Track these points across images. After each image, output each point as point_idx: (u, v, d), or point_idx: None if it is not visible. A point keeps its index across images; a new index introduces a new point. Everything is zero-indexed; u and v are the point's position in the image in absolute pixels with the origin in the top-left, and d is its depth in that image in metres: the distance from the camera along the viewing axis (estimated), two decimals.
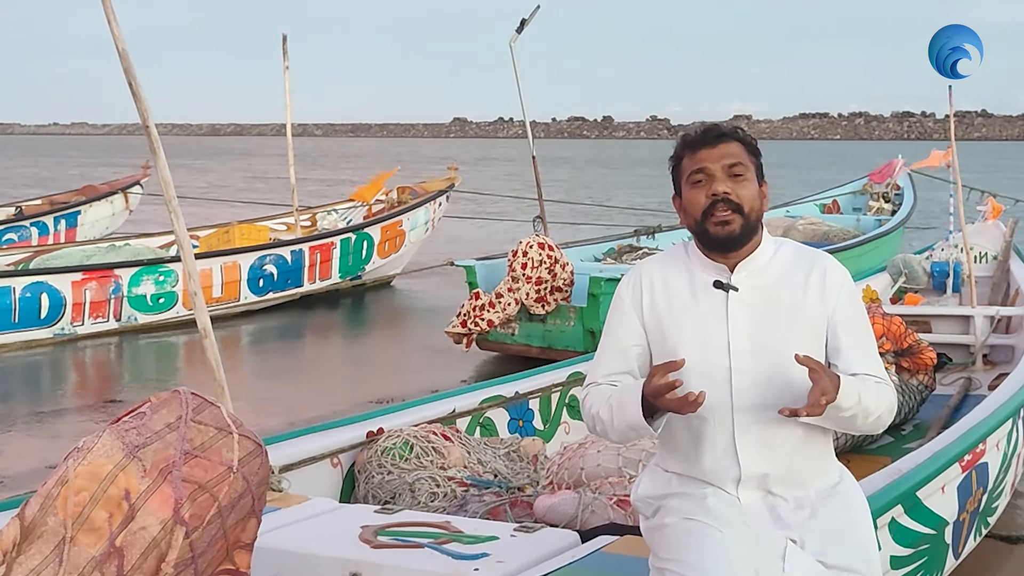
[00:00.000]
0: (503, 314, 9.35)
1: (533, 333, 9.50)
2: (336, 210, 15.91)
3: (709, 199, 2.83)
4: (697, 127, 2.94)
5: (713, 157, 2.85)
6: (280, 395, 8.76)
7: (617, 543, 3.50)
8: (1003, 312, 7.81)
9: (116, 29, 3.55)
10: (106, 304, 11.31)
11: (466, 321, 9.41)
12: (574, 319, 9.33)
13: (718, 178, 2.83)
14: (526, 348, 9.57)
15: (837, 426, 2.80)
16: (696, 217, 2.86)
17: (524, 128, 11.97)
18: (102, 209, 17.69)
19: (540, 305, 9.37)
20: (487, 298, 9.41)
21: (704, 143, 2.87)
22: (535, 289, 9.33)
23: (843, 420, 2.76)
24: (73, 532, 2.57)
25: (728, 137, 2.88)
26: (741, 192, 2.83)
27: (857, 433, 2.86)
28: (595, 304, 9.14)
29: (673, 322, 2.88)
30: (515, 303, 9.35)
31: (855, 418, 2.76)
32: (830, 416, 2.70)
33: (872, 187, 16.18)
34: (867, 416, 2.78)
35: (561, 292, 9.42)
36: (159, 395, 2.84)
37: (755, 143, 2.94)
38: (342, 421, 4.96)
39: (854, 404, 2.72)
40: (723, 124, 2.94)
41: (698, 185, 2.85)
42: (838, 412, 2.70)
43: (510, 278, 9.35)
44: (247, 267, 12.45)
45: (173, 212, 3.68)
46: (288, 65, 12.84)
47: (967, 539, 4.54)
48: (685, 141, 2.92)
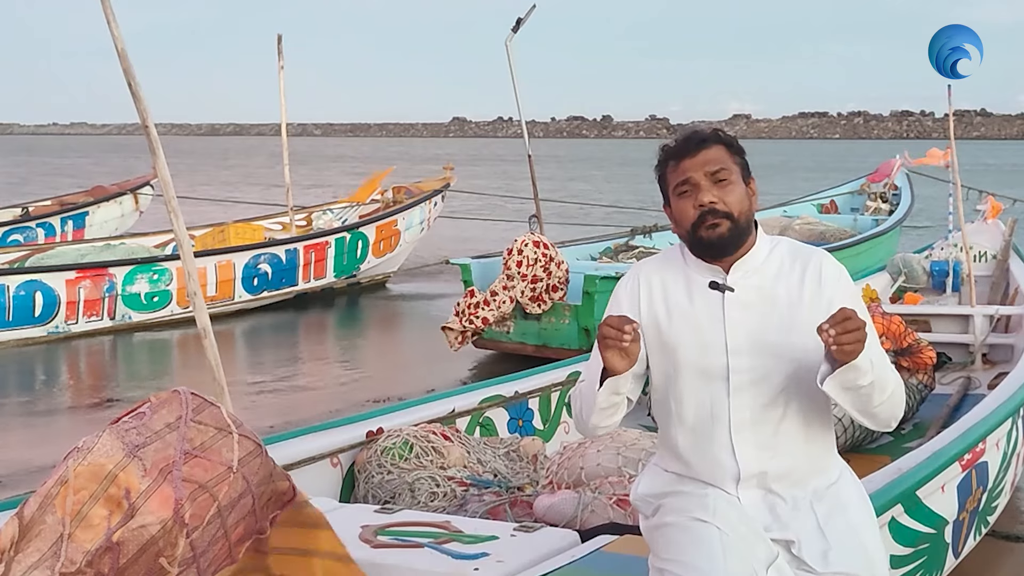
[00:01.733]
0: (498, 312, 9.36)
1: (528, 331, 9.52)
2: (331, 210, 15.92)
3: (697, 210, 2.83)
4: (677, 136, 2.92)
5: (695, 166, 2.83)
6: (277, 395, 8.76)
7: (617, 543, 3.50)
8: (1002, 311, 7.80)
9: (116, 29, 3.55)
10: (100, 302, 11.32)
11: (461, 319, 9.44)
12: (569, 317, 9.34)
13: (703, 187, 2.82)
14: (521, 346, 9.59)
15: (855, 402, 2.70)
16: (686, 227, 2.87)
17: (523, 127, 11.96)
18: (111, 210, 17.63)
19: (535, 303, 9.39)
20: (482, 296, 9.43)
21: (685, 152, 2.86)
22: (530, 287, 9.34)
23: (862, 392, 2.67)
24: (71, 529, 2.57)
25: (708, 142, 2.86)
26: (728, 198, 2.82)
27: (873, 418, 2.77)
28: (590, 302, 9.16)
29: (670, 323, 2.88)
30: (510, 301, 9.36)
31: (872, 388, 2.68)
32: (847, 384, 2.63)
33: (870, 187, 16.19)
34: (883, 390, 2.71)
35: (557, 291, 9.44)
36: (159, 395, 2.84)
37: (736, 142, 2.92)
38: (342, 421, 4.96)
39: (870, 370, 2.64)
40: (701, 129, 2.91)
41: (685, 196, 2.85)
42: (857, 377, 2.63)
43: (505, 276, 9.37)
44: (242, 266, 12.46)
45: (173, 212, 3.67)
46: (283, 65, 12.83)
47: (967, 538, 4.54)
48: (667, 152, 2.91)
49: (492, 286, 9.44)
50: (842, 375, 2.63)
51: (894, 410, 2.80)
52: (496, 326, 9.50)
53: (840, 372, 2.63)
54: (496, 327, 9.51)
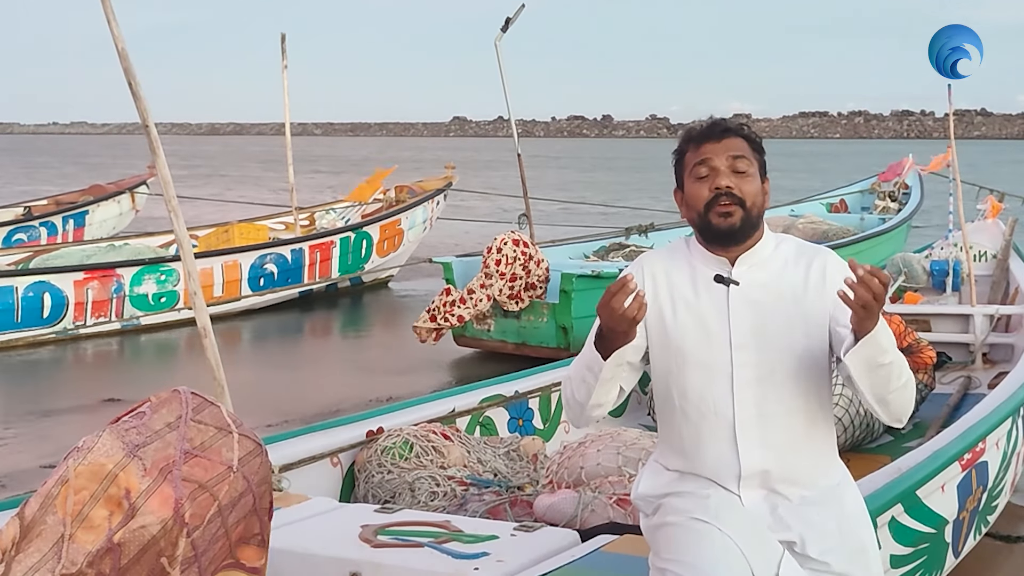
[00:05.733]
0: (474, 310, 9.39)
1: (508, 329, 9.56)
2: (334, 209, 15.98)
3: (712, 192, 2.82)
4: (702, 121, 2.92)
5: (717, 151, 2.84)
6: (279, 394, 8.76)
7: (617, 542, 3.49)
8: (1003, 311, 7.80)
9: (116, 29, 3.55)
10: (108, 303, 11.33)
11: (435, 316, 9.44)
12: (547, 315, 9.38)
13: (722, 172, 2.82)
14: (502, 344, 9.63)
15: (874, 383, 2.65)
16: (698, 210, 2.85)
17: (524, 127, 11.96)
18: (109, 209, 17.73)
19: (514, 302, 9.41)
20: (458, 294, 9.45)
21: (709, 137, 2.86)
22: (508, 286, 9.36)
23: (881, 371, 2.63)
24: (72, 530, 2.57)
25: (733, 132, 2.87)
26: (744, 187, 2.82)
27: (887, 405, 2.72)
28: (567, 300, 9.20)
29: (675, 316, 2.87)
30: (487, 299, 9.38)
31: (891, 369, 2.64)
32: (870, 360, 2.61)
33: (880, 186, 16.17)
34: (900, 375, 2.68)
35: (535, 289, 9.46)
36: (159, 395, 2.84)
37: (759, 140, 2.93)
38: (342, 420, 4.96)
39: (890, 348, 2.61)
40: (728, 120, 2.93)
41: (702, 179, 2.84)
42: (878, 354, 2.60)
43: (483, 274, 9.39)
44: (248, 266, 12.50)
45: (173, 212, 3.68)
46: (287, 64, 12.85)
47: (967, 538, 4.54)
48: (690, 135, 2.91)
49: (469, 284, 9.49)
50: (865, 347, 2.59)
51: (907, 400, 2.75)
52: (477, 324, 9.54)
53: (863, 344, 2.59)
54: (477, 325, 9.55)
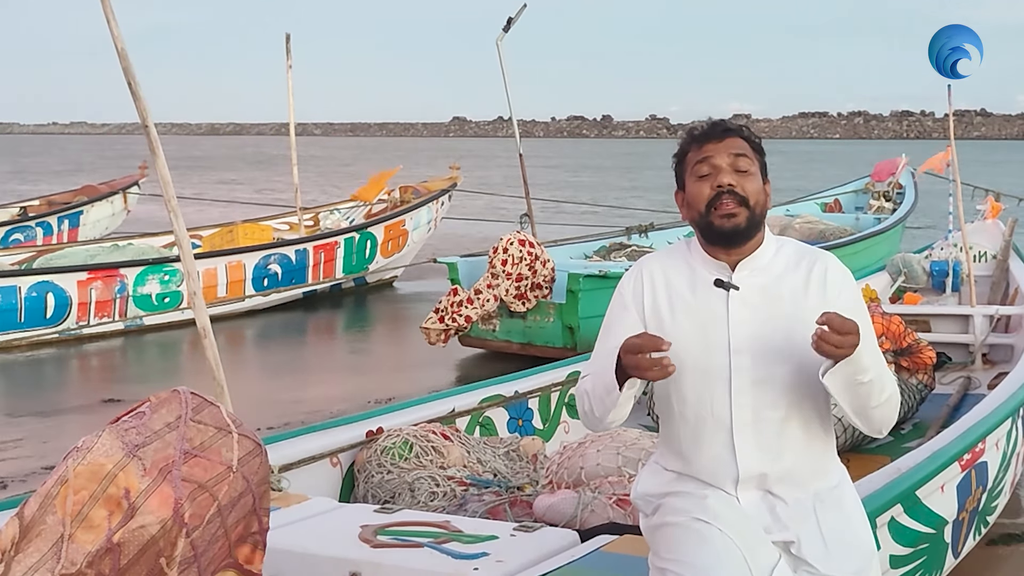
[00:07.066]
0: (481, 310, 9.40)
1: (513, 329, 9.56)
2: (339, 209, 15.99)
3: (714, 190, 2.81)
4: (703, 122, 2.93)
5: (719, 150, 2.84)
6: (281, 394, 8.76)
7: (616, 542, 3.50)
8: (1002, 311, 7.81)
9: (116, 29, 3.55)
10: (111, 303, 11.34)
11: (443, 317, 9.46)
12: (553, 315, 9.38)
13: (724, 170, 2.82)
14: (507, 344, 9.63)
15: (854, 400, 2.69)
16: (700, 210, 2.84)
17: (524, 127, 11.97)
18: (103, 209, 17.80)
19: (520, 302, 9.42)
20: (465, 294, 9.46)
21: (710, 136, 2.87)
22: (515, 286, 9.37)
23: (861, 390, 2.66)
24: (72, 530, 2.57)
25: (734, 133, 2.88)
26: (746, 186, 2.82)
27: (868, 420, 2.77)
28: (574, 300, 9.20)
29: (674, 319, 2.86)
30: (494, 299, 9.39)
31: (872, 387, 2.67)
32: (848, 379, 2.63)
33: (874, 186, 16.18)
34: (882, 390, 2.71)
35: (541, 289, 9.48)
36: (158, 395, 2.84)
37: (759, 142, 2.93)
38: (342, 420, 4.96)
39: (870, 367, 2.64)
40: (729, 120, 2.94)
41: (703, 178, 2.84)
42: (857, 372, 2.63)
43: (490, 275, 9.41)
44: (252, 266, 12.51)
45: (172, 212, 3.68)
46: (291, 64, 12.86)
47: (966, 538, 4.54)
48: (692, 135, 2.91)
49: (476, 284, 9.50)
50: (843, 368, 2.62)
51: (888, 416, 2.80)
52: (482, 324, 9.55)
53: (841, 365, 2.62)
54: (482, 325, 9.56)
